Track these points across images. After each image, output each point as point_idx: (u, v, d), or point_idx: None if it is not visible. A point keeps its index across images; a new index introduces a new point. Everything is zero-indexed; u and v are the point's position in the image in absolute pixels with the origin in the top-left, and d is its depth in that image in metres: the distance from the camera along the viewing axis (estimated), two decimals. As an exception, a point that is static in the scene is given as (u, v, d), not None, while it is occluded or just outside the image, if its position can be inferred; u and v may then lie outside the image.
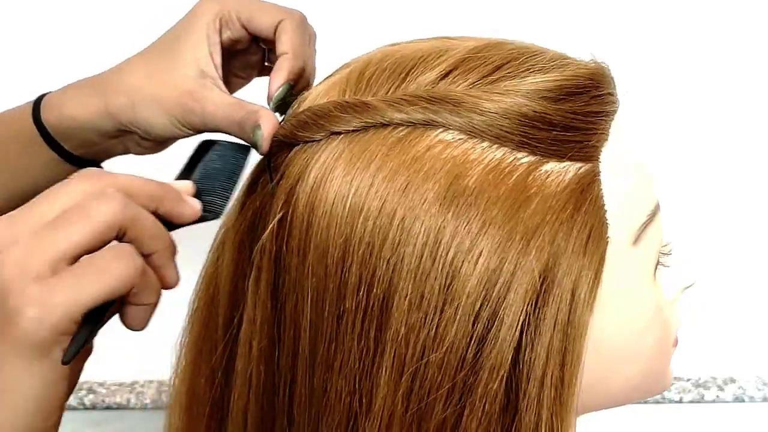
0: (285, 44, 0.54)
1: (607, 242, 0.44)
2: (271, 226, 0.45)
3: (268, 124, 0.48)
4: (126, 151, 0.61)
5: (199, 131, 0.55)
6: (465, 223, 0.42)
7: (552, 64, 0.45)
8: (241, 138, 0.51)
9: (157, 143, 0.59)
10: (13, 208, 0.61)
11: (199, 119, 0.53)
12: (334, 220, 0.43)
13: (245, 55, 0.59)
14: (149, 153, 0.61)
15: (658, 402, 1.01)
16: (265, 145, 0.48)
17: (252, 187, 0.49)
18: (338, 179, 0.43)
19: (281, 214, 0.45)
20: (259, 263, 0.46)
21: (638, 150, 0.47)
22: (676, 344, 0.52)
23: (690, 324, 0.97)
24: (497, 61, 0.45)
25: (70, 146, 0.59)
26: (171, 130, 0.55)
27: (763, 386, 1.02)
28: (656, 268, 0.48)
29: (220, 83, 0.55)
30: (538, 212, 0.42)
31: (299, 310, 0.44)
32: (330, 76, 0.49)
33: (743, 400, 1.01)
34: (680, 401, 1.01)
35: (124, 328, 0.44)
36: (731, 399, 1.01)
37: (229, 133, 0.53)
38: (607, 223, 0.44)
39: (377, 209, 0.42)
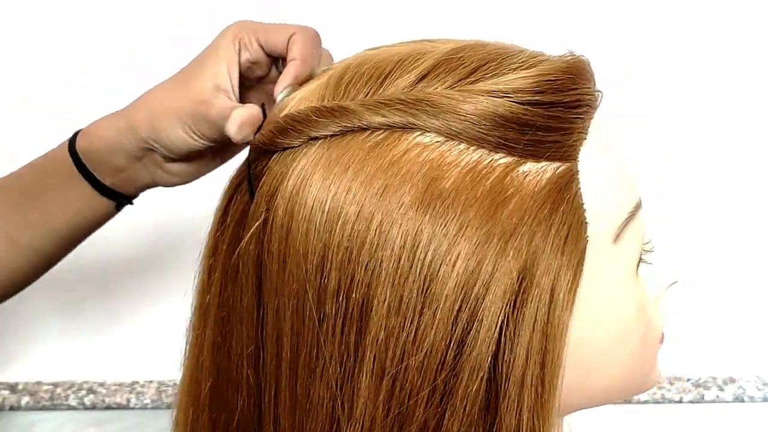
0: (294, 53, 0.56)
1: (587, 241, 0.44)
2: (250, 232, 0.45)
3: (250, 109, 0.51)
4: (153, 181, 0.63)
5: (213, 140, 0.57)
6: (442, 226, 0.41)
7: (528, 62, 0.45)
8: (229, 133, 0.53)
9: (180, 165, 0.61)
10: (52, 247, 0.64)
11: (208, 124, 0.56)
12: (312, 225, 0.43)
13: (266, 84, 0.61)
14: (176, 182, 0.63)
15: (658, 402, 1.01)
16: (232, 126, 0.50)
17: (233, 194, 0.49)
18: (316, 185, 0.43)
19: (262, 219, 0.45)
20: (242, 269, 0.46)
21: (617, 146, 0.47)
22: (662, 341, 0.51)
23: (690, 324, 0.97)
24: (475, 63, 0.45)
25: (100, 174, 0.62)
26: (185, 139, 0.57)
27: (763, 386, 1.01)
28: (638, 266, 0.48)
29: (233, 96, 0.57)
30: (515, 213, 0.42)
31: (281, 315, 0.44)
32: (309, 82, 0.49)
33: (743, 400, 1.01)
34: (680, 401, 1.01)
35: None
36: (731, 399, 1.01)
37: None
38: (585, 222, 0.44)
39: (355, 214, 0.42)
